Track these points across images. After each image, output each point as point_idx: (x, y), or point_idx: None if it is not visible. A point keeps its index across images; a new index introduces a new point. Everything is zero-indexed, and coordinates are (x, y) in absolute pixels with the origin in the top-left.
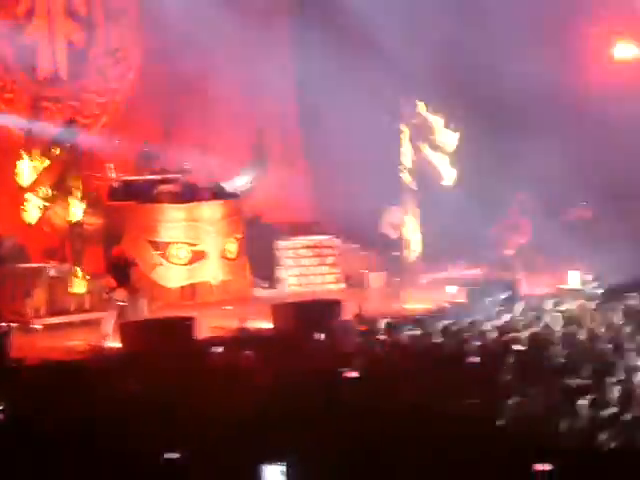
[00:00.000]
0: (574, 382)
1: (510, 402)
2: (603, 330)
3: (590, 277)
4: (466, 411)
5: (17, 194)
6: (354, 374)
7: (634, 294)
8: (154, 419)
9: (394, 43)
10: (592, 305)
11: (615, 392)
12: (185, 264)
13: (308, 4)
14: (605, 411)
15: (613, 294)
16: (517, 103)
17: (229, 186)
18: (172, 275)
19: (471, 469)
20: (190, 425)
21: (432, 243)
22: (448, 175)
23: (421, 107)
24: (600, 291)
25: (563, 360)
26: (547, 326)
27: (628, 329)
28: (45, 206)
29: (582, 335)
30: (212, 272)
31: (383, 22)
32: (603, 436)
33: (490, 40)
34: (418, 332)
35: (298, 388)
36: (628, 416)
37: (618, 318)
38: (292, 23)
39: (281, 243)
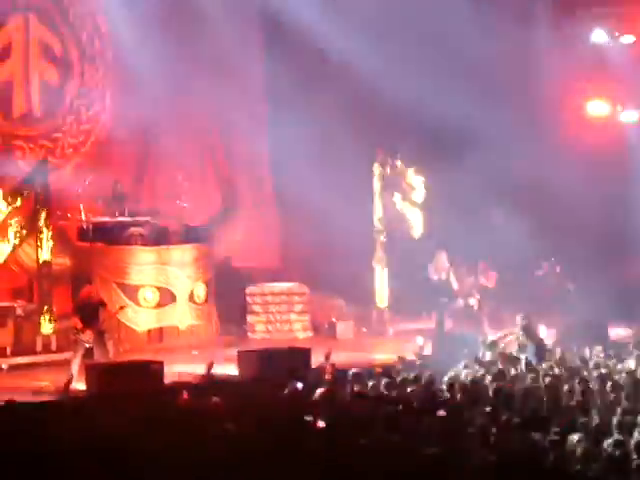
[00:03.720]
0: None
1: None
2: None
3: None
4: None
5: None
6: (320, 423)
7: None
8: (109, 461)
9: (367, 95)
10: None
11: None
12: (153, 307)
13: (280, 52)
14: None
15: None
16: (485, 157)
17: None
18: (140, 318)
19: None
20: (144, 471)
21: (402, 294)
22: (418, 226)
23: (393, 159)
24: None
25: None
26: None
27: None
28: (14, 245)
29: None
30: (180, 316)
31: (357, 74)
32: None
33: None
34: (384, 382)
35: (261, 436)
36: None
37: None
38: (266, 71)
39: (249, 289)
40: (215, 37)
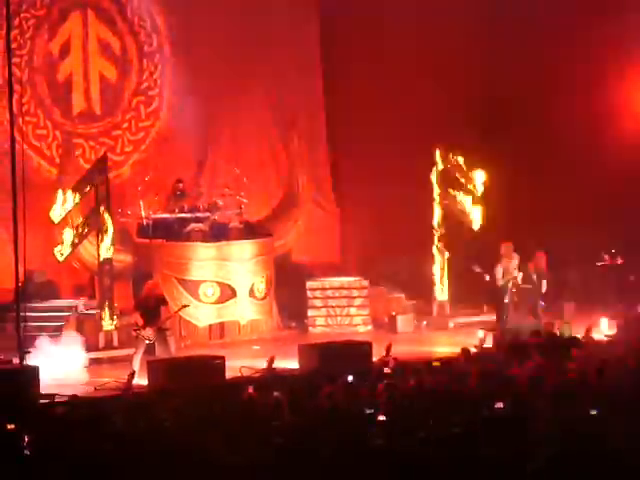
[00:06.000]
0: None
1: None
2: None
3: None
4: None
5: (48, 230)
6: (381, 417)
7: None
8: (171, 456)
9: (427, 88)
10: None
11: None
12: (214, 303)
13: (341, 38)
14: None
15: None
16: (546, 149)
17: None
18: (201, 313)
19: None
20: (205, 465)
21: (461, 286)
22: (477, 219)
23: (453, 152)
24: None
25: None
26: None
27: None
28: (75, 243)
29: None
30: (241, 311)
31: (416, 67)
32: None
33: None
34: (445, 376)
35: (322, 430)
36: None
37: None
38: (324, 61)
39: (309, 284)
40: (271, 25)
